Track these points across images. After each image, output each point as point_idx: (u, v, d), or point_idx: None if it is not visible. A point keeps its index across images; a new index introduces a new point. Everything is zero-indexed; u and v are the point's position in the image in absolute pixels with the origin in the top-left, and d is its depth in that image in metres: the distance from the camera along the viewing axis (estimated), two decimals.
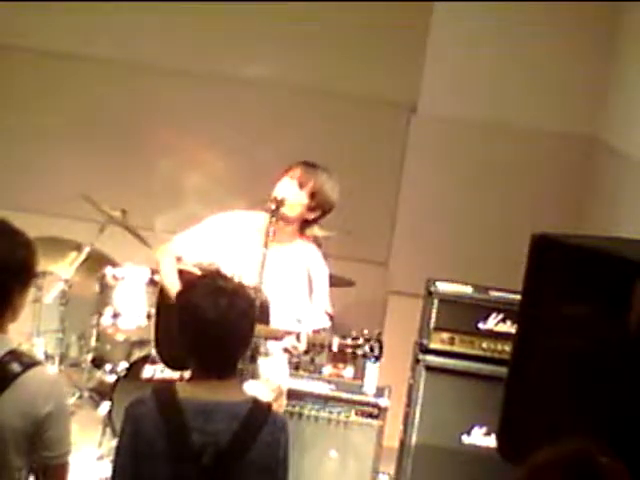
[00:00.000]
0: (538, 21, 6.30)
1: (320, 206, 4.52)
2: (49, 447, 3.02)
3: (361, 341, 4.29)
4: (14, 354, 3.03)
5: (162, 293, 4.68)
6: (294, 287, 4.55)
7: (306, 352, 4.43)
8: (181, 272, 4.54)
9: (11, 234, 3.09)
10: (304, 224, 4.58)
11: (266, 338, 4.39)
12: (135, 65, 6.79)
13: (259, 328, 4.20)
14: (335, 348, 4.31)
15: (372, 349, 4.30)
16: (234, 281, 3.30)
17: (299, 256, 4.59)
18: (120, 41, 6.76)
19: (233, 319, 3.14)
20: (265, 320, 4.33)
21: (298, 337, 4.32)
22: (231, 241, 4.55)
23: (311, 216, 4.54)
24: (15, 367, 2.99)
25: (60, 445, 3.04)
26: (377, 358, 4.34)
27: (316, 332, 4.40)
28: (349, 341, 4.30)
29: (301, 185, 4.48)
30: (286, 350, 4.39)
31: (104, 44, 6.74)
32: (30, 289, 3.14)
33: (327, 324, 4.53)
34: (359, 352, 4.31)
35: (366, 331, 4.33)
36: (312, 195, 4.49)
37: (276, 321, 4.47)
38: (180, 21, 6.69)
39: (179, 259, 4.59)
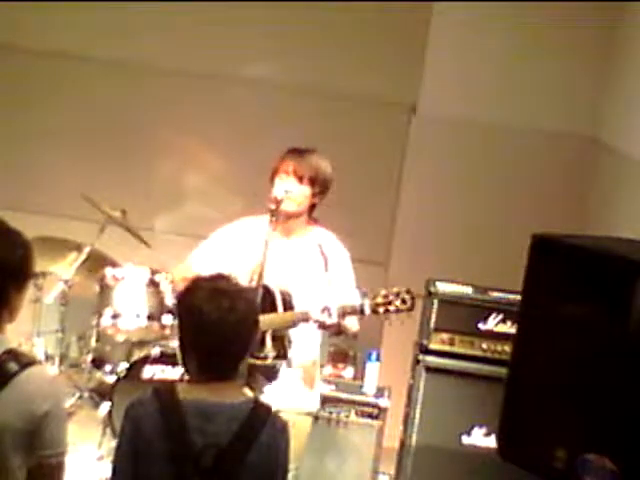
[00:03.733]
0: (538, 21, 6.30)
1: (323, 187, 4.53)
2: (46, 446, 3.01)
3: (392, 297, 4.32)
4: (11, 353, 3.03)
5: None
6: (314, 275, 4.53)
7: (338, 328, 4.40)
8: None
9: (8, 234, 3.08)
10: (312, 209, 4.59)
11: (281, 328, 4.37)
12: (135, 65, 6.79)
13: (271, 318, 4.20)
14: (367, 310, 4.32)
15: (404, 301, 4.33)
16: (236, 283, 3.29)
17: (315, 244, 4.57)
18: (120, 41, 6.76)
19: (234, 320, 3.13)
20: (274, 309, 4.32)
21: (328, 311, 4.30)
22: (244, 249, 4.53)
23: (317, 200, 4.56)
24: (12, 366, 2.99)
25: (57, 444, 3.03)
26: (410, 309, 4.36)
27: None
28: (380, 300, 4.32)
29: (300, 179, 4.48)
30: (318, 323, 4.35)
31: (104, 44, 6.74)
32: (27, 290, 3.13)
33: (358, 301, 4.47)
34: (391, 308, 4.33)
35: (395, 289, 4.36)
36: (312, 182, 4.50)
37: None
38: (180, 21, 6.69)
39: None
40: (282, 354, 4.36)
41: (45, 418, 2.98)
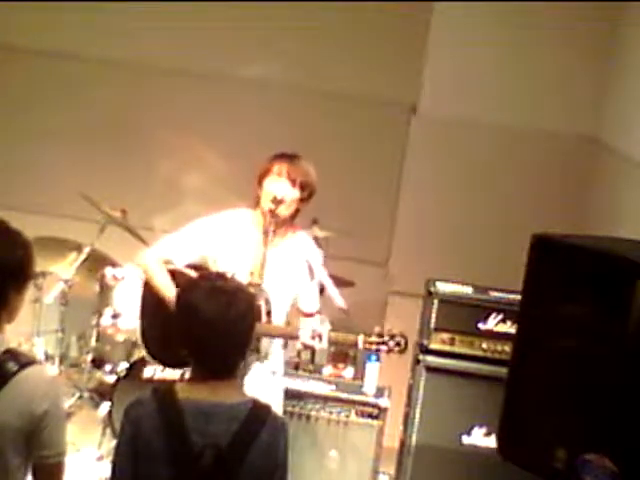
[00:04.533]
0: (538, 21, 6.30)
1: (310, 193, 4.57)
2: (45, 446, 3.01)
3: (386, 337, 4.38)
4: (10, 353, 3.03)
5: (145, 291, 4.66)
6: (297, 280, 4.56)
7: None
8: (173, 274, 4.54)
9: (8, 234, 3.08)
10: (295, 214, 4.62)
11: (260, 336, 4.39)
12: (135, 65, 6.79)
13: (257, 326, 4.22)
14: (360, 345, 4.39)
15: (398, 344, 4.39)
16: (234, 281, 3.29)
17: (297, 249, 4.60)
18: (120, 41, 6.76)
19: (233, 320, 3.13)
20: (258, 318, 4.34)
21: (320, 337, 4.35)
22: (220, 242, 4.56)
23: (302, 205, 4.58)
24: (11, 366, 2.99)
25: (56, 444, 3.03)
26: (402, 352, 4.43)
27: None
28: (373, 338, 4.39)
29: (293, 182, 4.51)
30: (306, 346, 4.44)
31: (104, 44, 6.75)
32: (27, 290, 3.13)
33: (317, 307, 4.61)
34: (383, 348, 4.39)
35: (391, 331, 4.42)
36: (303, 187, 4.53)
37: (279, 317, 4.50)
38: (180, 21, 6.69)
39: (168, 262, 4.58)
40: (256, 349, 4.42)
41: (44, 418, 2.98)
